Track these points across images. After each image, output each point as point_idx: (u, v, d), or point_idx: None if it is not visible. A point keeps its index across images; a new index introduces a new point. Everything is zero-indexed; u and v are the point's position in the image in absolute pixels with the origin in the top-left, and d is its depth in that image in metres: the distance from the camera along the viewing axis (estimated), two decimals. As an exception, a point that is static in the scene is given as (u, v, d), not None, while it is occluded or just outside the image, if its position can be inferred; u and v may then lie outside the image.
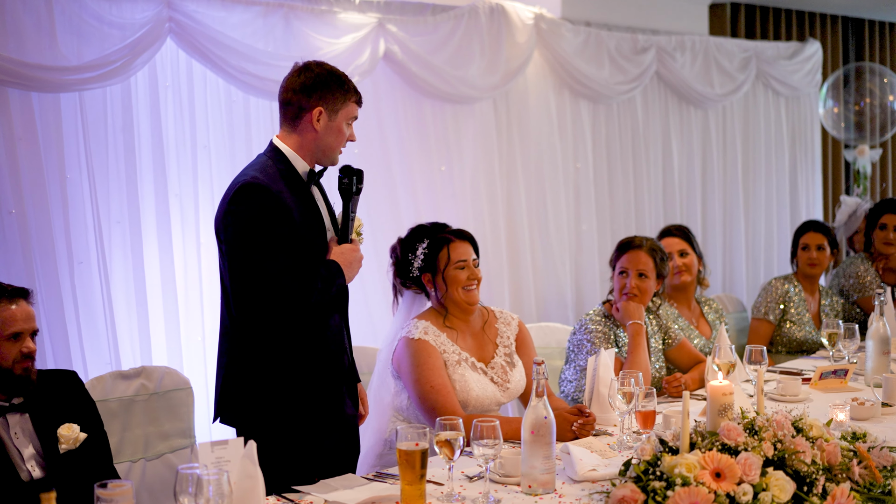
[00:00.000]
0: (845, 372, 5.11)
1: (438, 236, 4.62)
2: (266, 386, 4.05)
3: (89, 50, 5.14)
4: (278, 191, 3.97)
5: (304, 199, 4.08)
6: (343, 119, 4.09)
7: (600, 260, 7.63)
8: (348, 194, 4.13)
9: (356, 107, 4.13)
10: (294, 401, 4.07)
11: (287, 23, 5.87)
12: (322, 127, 4.07)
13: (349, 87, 4.10)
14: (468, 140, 6.88)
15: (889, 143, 10.97)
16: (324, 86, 4.07)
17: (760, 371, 4.00)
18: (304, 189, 4.10)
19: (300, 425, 4.08)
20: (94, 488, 2.70)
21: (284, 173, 4.06)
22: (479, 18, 6.84)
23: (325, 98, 4.06)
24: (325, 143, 4.10)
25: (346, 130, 4.11)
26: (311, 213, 4.08)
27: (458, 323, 4.61)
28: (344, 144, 4.14)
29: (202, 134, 5.67)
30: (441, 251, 4.58)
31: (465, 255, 4.58)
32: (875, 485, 3.32)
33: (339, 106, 4.07)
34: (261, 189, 3.94)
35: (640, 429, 4.02)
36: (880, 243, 7.09)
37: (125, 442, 4.54)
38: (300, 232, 4.00)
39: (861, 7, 10.46)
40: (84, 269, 5.24)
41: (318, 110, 4.06)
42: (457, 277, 4.56)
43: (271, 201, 3.93)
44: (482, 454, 3.36)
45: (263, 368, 4.05)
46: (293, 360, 4.06)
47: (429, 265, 4.60)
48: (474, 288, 4.60)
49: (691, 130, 8.57)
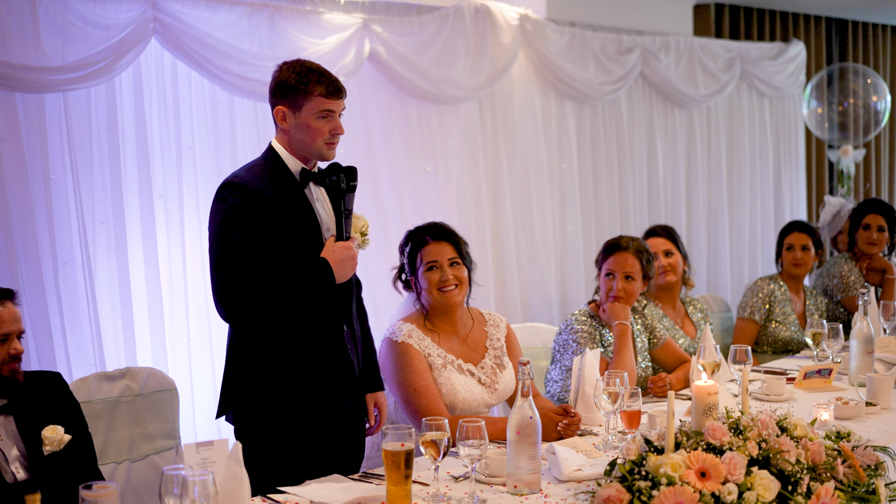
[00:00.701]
0: (829, 371, 5.13)
1: (417, 238, 4.65)
2: (259, 387, 4.08)
3: (73, 50, 5.12)
4: (259, 189, 4.00)
5: (295, 198, 4.09)
6: (309, 114, 4.07)
7: (585, 260, 7.64)
8: (337, 192, 4.13)
9: (324, 100, 4.07)
10: (284, 402, 4.09)
11: (272, 23, 5.86)
12: (291, 125, 4.10)
13: (309, 81, 4.07)
14: (453, 140, 6.88)
15: (872, 143, 11.00)
16: (282, 85, 4.10)
17: (745, 371, 4.02)
18: (296, 188, 4.11)
19: (291, 427, 4.09)
20: (79, 490, 2.70)
21: (275, 173, 4.09)
22: (464, 19, 6.84)
23: (286, 97, 4.09)
24: (299, 140, 4.11)
25: (317, 125, 4.08)
26: (302, 212, 4.08)
27: (442, 325, 4.61)
28: (326, 138, 4.11)
29: (187, 134, 5.66)
30: (418, 253, 4.61)
31: (437, 255, 4.58)
32: (859, 484, 3.33)
33: (301, 102, 4.07)
34: (238, 186, 4.01)
35: (625, 428, 4.03)
36: (864, 243, 7.11)
37: (110, 443, 4.53)
38: (287, 230, 4.01)
39: (845, 8, 10.49)
40: (68, 270, 5.22)
41: (279, 110, 4.11)
42: (429, 279, 4.57)
43: (247, 198, 3.98)
44: (468, 454, 3.36)
45: (255, 368, 4.08)
46: (281, 360, 4.08)
47: (411, 268, 4.63)
48: (451, 289, 4.58)
49: (676, 131, 8.58)
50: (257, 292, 3.95)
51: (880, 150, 11.30)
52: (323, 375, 4.14)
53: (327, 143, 4.12)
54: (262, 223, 3.97)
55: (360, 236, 4.24)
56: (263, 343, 4.07)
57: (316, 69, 4.12)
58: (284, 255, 4.01)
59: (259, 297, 3.96)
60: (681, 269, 6.07)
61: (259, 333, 4.07)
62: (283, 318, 4.05)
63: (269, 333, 4.07)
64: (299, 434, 4.11)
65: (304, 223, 4.08)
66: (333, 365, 4.17)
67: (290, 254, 4.03)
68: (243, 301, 3.96)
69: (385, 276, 6.17)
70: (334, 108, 4.11)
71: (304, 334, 4.10)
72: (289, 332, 4.07)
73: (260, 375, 4.08)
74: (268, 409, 4.08)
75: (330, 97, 4.09)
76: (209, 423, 5.64)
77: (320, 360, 4.13)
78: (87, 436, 4.02)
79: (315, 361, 4.12)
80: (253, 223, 3.96)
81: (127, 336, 5.41)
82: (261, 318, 4.04)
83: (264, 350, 4.07)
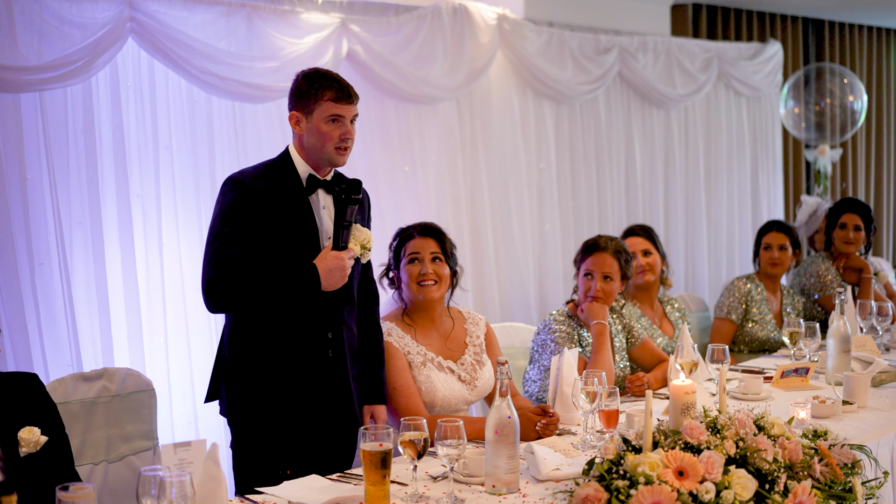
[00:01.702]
0: (806, 370, 5.15)
1: (405, 234, 4.72)
2: (249, 374, 4.20)
3: (50, 50, 5.10)
4: (260, 188, 4.12)
5: (297, 202, 4.17)
6: (319, 118, 4.16)
7: (564, 259, 7.65)
8: (339, 202, 4.19)
9: (333, 104, 4.16)
10: (272, 395, 4.19)
11: (249, 23, 5.85)
12: (303, 129, 4.19)
13: (320, 86, 4.16)
14: (431, 140, 6.88)
15: (849, 143, 11.06)
16: (295, 90, 4.22)
17: (722, 370, 4.02)
18: (300, 192, 4.19)
19: (276, 419, 4.18)
20: (56, 491, 2.69)
21: (282, 175, 4.20)
22: (442, 19, 6.84)
23: (300, 102, 4.20)
24: (310, 145, 4.20)
25: (327, 129, 4.15)
26: (301, 216, 4.16)
27: (422, 321, 4.62)
28: (336, 143, 4.18)
29: (164, 134, 5.63)
30: (402, 247, 4.67)
31: (419, 248, 4.62)
32: (836, 482, 3.34)
33: (312, 107, 4.16)
34: (238, 182, 4.13)
35: (603, 428, 4.04)
36: (840, 242, 7.14)
37: (87, 444, 4.50)
38: (283, 232, 4.11)
39: (821, 8, 10.53)
40: (45, 270, 5.20)
41: (293, 115, 4.21)
42: (409, 271, 4.61)
43: (246, 195, 4.10)
44: (446, 454, 3.36)
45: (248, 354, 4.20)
46: (271, 356, 4.18)
47: (395, 261, 4.67)
48: (430, 284, 4.61)
49: (653, 131, 8.59)
50: (242, 287, 4.05)
51: (857, 149, 11.36)
52: (303, 382, 4.21)
53: (337, 148, 4.19)
54: (259, 221, 4.08)
55: (360, 248, 4.28)
56: (256, 336, 4.18)
57: (327, 75, 4.21)
58: (277, 255, 4.10)
59: (243, 292, 4.06)
60: (659, 268, 6.08)
61: (253, 326, 4.17)
62: (265, 316, 4.14)
63: (261, 329, 4.16)
64: (284, 429, 4.20)
65: (302, 227, 4.16)
66: (314, 373, 4.23)
67: (284, 255, 4.11)
68: (228, 294, 4.07)
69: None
70: (344, 114, 4.19)
71: (288, 339, 4.18)
72: (275, 335, 4.17)
73: (251, 364, 4.19)
74: (257, 395, 4.19)
75: (339, 102, 4.17)
76: (187, 423, 5.63)
77: (301, 367, 4.20)
78: (63, 437, 4.00)
79: (296, 368, 4.19)
80: (248, 219, 4.07)
81: (104, 336, 5.39)
82: (243, 310, 4.15)
83: (256, 343, 4.18)
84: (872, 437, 4.16)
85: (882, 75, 11.74)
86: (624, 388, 5.15)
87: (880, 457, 4.06)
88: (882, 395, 4.93)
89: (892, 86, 11.89)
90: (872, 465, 3.83)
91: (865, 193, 11.54)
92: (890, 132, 11.82)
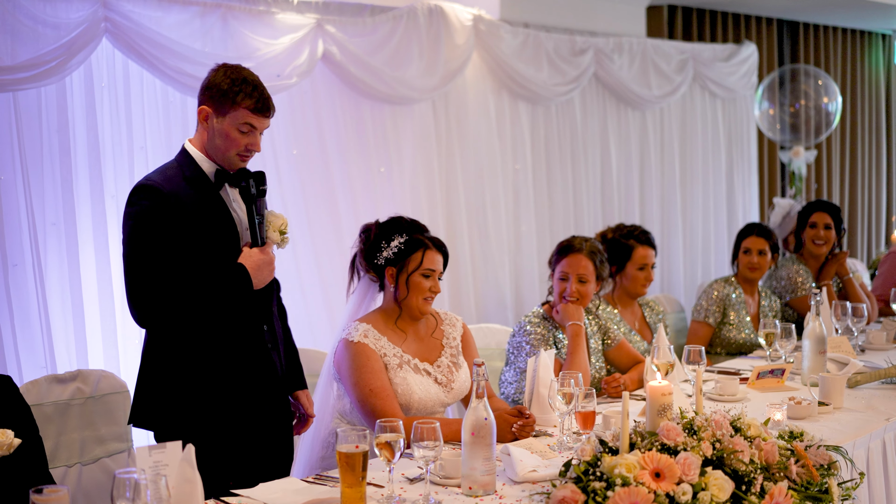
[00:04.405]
0: (782, 371, 5.16)
1: (417, 237, 4.53)
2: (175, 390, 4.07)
3: (23, 50, 5.07)
4: (173, 191, 3.97)
5: (211, 201, 4.07)
6: (231, 123, 4.03)
7: (539, 261, 7.66)
8: (249, 198, 4.11)
9: (250, 114, 4.04)
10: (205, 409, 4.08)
11: (225, 23, 5.83)
12: (210, 127, 4.07)
13: (241, 91, 4.03)
14: (407, 141, 6.88)
15: (824, 144, 11.11)
16: (214, 86, 4.07)
17: (699, 371, 4.03)
18: (211, 190, 4.08)
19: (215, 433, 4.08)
20: (30, 494, 2.67)
21: (189, 175, 4.06)
22: (418, 20, 6.84)
23: (214, 99, 4.06)
24: (214, 145, 4.08)
25: (235, 136, 4.04)
26: (218, 214, 4.07)
27: (404, 325, 4.57)
28: (240, 150, 4.07)
29: (139, 135, 5.61)
30: (415, 253, 4.49)
31: (435, 265, 4.52)
32: (812, 483, 3.35)
33: (228, 109, 4.03)
34: (150, 189, 3.96)
35: (580, 429, 4.04)
36: (810, 242, 7.14)
37: (61, 446, 4.48)
38: (203, 233, 4.00)
39: (796, 10, 10.57)
40: (19, 271, 5.17)
41: (203, 109, 4.08)
42: (420, 285, 4.49)
43: (160, 202, 3.94)
44: (422, 456, 3.35)
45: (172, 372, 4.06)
46: (201, 365, 4.07)
47: (398, 261, 4.50)
48: (431, 300, 4.57)
49: (629, 132, 8.62)
50: (172, 298, 3.93)
51: (831, 151, 11.41)
52: (245, 378, 4.14)
53: (240, 155, 4.09)
54: (177, 227, 3.94)
55: (279, 235, 4.19)
56: (181, 349, 4.05)
57: (251, 81, 4.08)
58: (201, 259, 3.99)
59: (174, 303, 3.94)
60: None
61: (177, 339, 4.04)
62: (199, 324, 4.03)
63: (188, 339, 4.04)
64: (224, 439, 4.09)
65: (221, 225, 4.06)
66: (255, 367, 4.17)
67: (208, 257, 4.01)
68: (158, 306, 3.94)
69: (339, 278, 6.17)
70: (258, 125, 4.08)
71: (224, 338, 4.09)
72: (207, 336, 4.06)
73: (178, 383, 4.05)
74: (189, 418, 4.05)
75: (257, 113, 4.06)
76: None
77: (242, 364, 4.13)
78: (37, 439, 3.98)
79: (236, 365, 4.11)
80: (166, 227, 3.93)
81: (78, 338, 5.36)
82: (176, 323, 4.01)
83: (182, 356, 4.05)
84: (848, 439, 4.17)
85: (857, 77, 11.80)
86: (600, 389, 5.15)
87: (856, 458, 4.07)
88: (857, 396, 4.94)
89: (867, 88, 11.96)
90: (848, 466, 3.84)
91: (840, 195, 11.60)
92: (864, 134, 11.88)
